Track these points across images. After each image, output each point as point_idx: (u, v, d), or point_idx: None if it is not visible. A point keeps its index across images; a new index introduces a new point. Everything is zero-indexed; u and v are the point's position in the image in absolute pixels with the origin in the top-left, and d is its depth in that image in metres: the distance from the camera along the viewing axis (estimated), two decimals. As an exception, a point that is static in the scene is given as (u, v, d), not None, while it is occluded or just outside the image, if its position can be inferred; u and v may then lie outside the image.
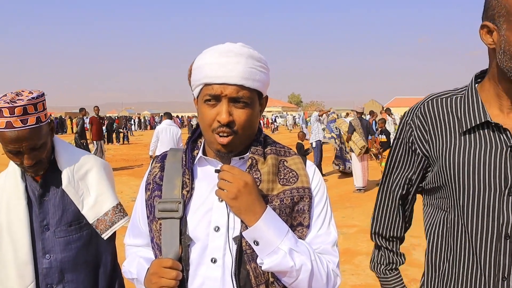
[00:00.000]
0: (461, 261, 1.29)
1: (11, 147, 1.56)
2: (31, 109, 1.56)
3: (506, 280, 1.20)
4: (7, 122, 1.52)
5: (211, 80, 1.14)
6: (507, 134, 1.21)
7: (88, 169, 1.76)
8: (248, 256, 1.16)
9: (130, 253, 1.41)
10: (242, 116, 1.15)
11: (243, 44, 1.19)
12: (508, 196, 1.19)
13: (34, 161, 1.61)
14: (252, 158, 1.22)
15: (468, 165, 1.24)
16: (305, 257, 1.14)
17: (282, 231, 1.14)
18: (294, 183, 1.22)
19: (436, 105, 1.34)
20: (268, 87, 1.24)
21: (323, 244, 1.24)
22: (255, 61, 1.17)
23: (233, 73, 1.12)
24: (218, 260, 1.17)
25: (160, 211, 1.22)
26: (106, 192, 1.77)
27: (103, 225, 1.73)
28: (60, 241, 1.67)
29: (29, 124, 1.55)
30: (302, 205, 1.21)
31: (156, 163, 1.34)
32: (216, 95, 1.14)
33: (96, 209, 1.73)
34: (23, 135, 1.54)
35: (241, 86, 1.13)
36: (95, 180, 1.76)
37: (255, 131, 1.25)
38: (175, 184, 1.24)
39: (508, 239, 1.20)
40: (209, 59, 1.16)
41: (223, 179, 1.14)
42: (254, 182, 1.15)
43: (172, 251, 1.18)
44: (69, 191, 1.68)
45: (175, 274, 1.15)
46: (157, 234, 1.23)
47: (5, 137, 1.54)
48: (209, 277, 1.18)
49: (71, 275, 1.69)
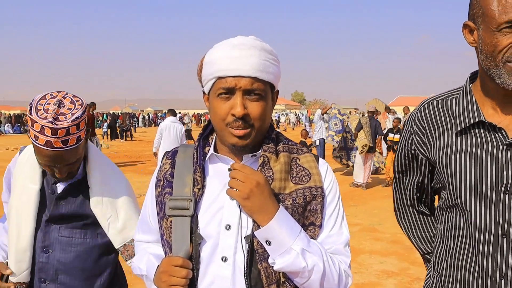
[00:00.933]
0: (459, 260, 1.30)
1: (46, 162, 1.54)
2: (74, 129, 1.50)
3: (504, 278, 1.21)
4: (47, 141, 1.46)
5: (225, 73, 1.13)
6: (502, 133, 1.22)
7: (118, 191, 1.72)
8: (260, 256, 1.15)
9: (140, 249, 1.40)
10: (257, 108, 1.14)
11: (255, 37, 1.19)
12: (505, 195, 1.20)
13: (66, 174, 1.60)
14: (264, 156, 1.20)
15: (464, 165, 1.25)
16: (317, 257, 1.14)
17: (294, 231, 1.13)
18: (306, 182, 1.21)
19: (433, 108, 1.36)
20: (279, 81, 1.24)
21: (335, 244, 1.23)
22: (268, 54, 1.17)
23: (247, 66, 1.12)
24: (228, 259, 1.16)
25: (171, 209, 1.21)
26: (134, 217, 1.71)
27: (129, 251, 1.68)
28: (62, 240, 1.65)
29: (69, 145, 1.50)
30: (315, 205, 1.20)
31: (167, 160, 1.32)
32: (230, 87, 1.13)
33: (124, 235, 1.69)
34: (61, 155, 1.51)
35: (255, 78, 1.13)
36: (124, 204, 1.72)
37: (268, 125, 1.23)
38: (186, 182, 1.23)
39: (504, 238, 1.20)
40: (221, 52, 1.15)
41: (235, 178, 1.13)
42: (266, 181, 1.14)
43: (183, 249, 1.17)
44: (97, 212, 1.65)
45: (185, 273, 1.14)
46: (167, 231, 1.22)
47: (42, 152, 1.50)
48: (219, 276, 1.17)
49: (65, 277, 1.66)
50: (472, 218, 1.25)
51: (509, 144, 1.20)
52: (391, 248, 5.62)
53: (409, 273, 4.77)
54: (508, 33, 1.14)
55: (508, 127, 1.22)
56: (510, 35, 1.14)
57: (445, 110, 1.34)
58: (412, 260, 5.09)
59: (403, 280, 4.58)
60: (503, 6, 1.13)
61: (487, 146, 1.23)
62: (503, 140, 1.21)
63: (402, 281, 4.54)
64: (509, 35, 1.14)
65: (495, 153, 1.21)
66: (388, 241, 5.90)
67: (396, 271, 4.85)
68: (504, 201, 1.20)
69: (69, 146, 1.50)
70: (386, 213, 7.14)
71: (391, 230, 6.23)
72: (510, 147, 1.20)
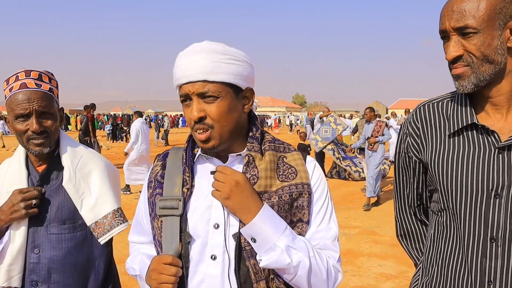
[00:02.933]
0: (449, 265, 1.29)
1: (21, 109, 1.54)
2: (46, 78, 1.61)
3: (492, 283, 1.19)
4: (21, 84, 1.55)
5: (180, 81, 1.19)
6: (495, 136, 1.21)
7: (92, 168, 1.71)
8: (247, 253, 1.17)
9: (134, 250, 1.43)
10: (214, 109, 1.17)
11: (209, 41, 1.22)
12: (495, 199, 1.19)
13: (42, 128, 1.58)
14: (249, 155, 1.22)
15: (456, 168, 1.25)
16: (303, 254, 1.15)
17: (279, 228, 1.14)
18: (293, 179, 1.22)
19: (428, 110, 1.36)
20: (248, 80, 1.24)
21: (323, 239, 1.24)
22: (219, 55, 1.18)
23: (194, 71, 1.16)
24: (218, 257, 1.19)
25: (161, 209, 1.24)
26: (108, 194, 1.70)
27: (101, 229, 1.65)
28: (51, 238, 1.61)
29: (42, 89, 1.58)
30: (301, 201, 1.22)
31: (158, 162, 1.36)
32: (186, 94, 1.18)
33: (96, 211, 1.66)
34: (35, 96, 1.56)
35: (204, 81, 1.16)
36: (98, 180, 1.70)
37: (238, 124, 1.23)
38: (176, 182, 1.26)
39: (494, 242, 1.19)
40: (176, 62, 1.22)
41: (217, 179, 1.17)
42: (246, 180, 1.17)
43: (173, 248, 1.20)
44: (69, 189, 1.63)
45: (175, 271, 1.16)
46: (159, 231, 1.24)
47: (17, 99, 1.54)
48: (209, 274, 1.19)
49: (58, 276, 1.62)
50: (461, 221, 1.24)
51: (500, 148, 1.20)
52: (390, 251, 5.61)
53: (408, 277, 4.76)
54: (445, 43, 1.22)
55: (501, 130, 1.22)
56: (447, 44, 1.21)
57: (440, 112, 1.34)
58: (410, 264, 5.05)
59: (401, 283, 4.57)
60: (440, 16, 1.22)
61: (479, 149, 1.22)
62: (495, 143, 1.21)
63: (400, 284, 4.54)
64: (447, 44, 1.21)
65: (486, 156, 1.21)
66: (387, 244, 5.89)
67: (395, 274, 4.85)
68: (494, 205, 1.19)
69: (42, 90, 1.58)
70: (385, 216, 7.13)
71: (390, 233, 6.21)
72: (502, 151, 1.20)
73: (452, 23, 1.17)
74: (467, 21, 1.15)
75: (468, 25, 1.15)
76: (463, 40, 1.18)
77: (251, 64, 1.26)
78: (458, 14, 1.16)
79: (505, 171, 1.18)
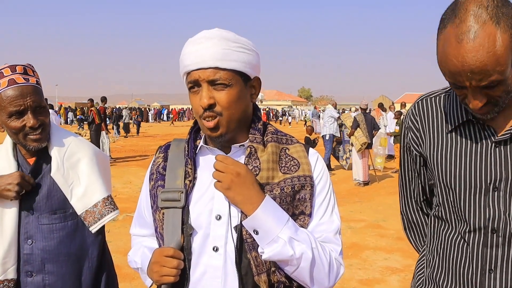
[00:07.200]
0: (451, 255, 1.31)
1: (15, 106, 1.51)
2: (30, 71, 1.59)
3: (493, 272, 1.22)
4: (9, 80, 1.51)
5: (189, 68, 1.17)
6: (491, 130, 1.22)
7: (80, 157, 1.69)
8: (249, 245, 1.16)
9: (135, 243, 1.42)
10: (223, 97, 1.15)
11: (219, 28, 1.20)
12: (494, 192, 1.21)
13: (39, 122, 1.57)
14: (251, 147, 1.21)
15: (454, 163, 1.26)
16: (306, 245, 1.14)
17: (281, 220, 1.13)
18: (295, 171, 1.21)
19: (426, 104, 1.37)
20: (256, 69, 1.23)
21: (325, 232, 1.23)
22: (230, 42, 1.16)
23: (205, 57, 1.14)
24: (220, 249, 1.18)
25: (163, 201, 1.23)
26: (97, 183, 1.69)
27: (91, 217, 1.65)
28: (43, 228, 1.61)
29: (31, 82, 1.56)
30: (304, 194, 1.21)
31: (160, 153, 1.35)
32: (195, 80, 1.16)
33: (85, 200, 1.65)
34: (28, 91, 1.53)
35: (216, 68, 1.14)
36: (86, 169, 1.68)
37: (245, 113, 1.23)
38: (178, 174, 1.25)
39: (495, 233, 1.21)
40: (185, 49, 1.19)
41: (216, 169, 1.15)
42: (248, 171, 1.15)
43: (174, 240, 1.19)
44: (58, 179, 1.62)
45: (176, 263, 1.16)
46: (160, 223, 1.24)
47: (8, 97, 1.50)
48: (211, 266, 1.18)
49: (52, 266, 1.62)
50: (462, 214, 1.26)
51: (497, 142, 1.21)
52: (396, 244, 5.60)
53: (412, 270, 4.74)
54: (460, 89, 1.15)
55: (498, 124, 1.23)
56: (464, 92, 1.14)
57: (438, 106, 1.34)
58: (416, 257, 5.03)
59: (407, 277, 4.55)
60: (447, 70, 1.12)
61: (477, 144, 1.24)
62: (492, 137, 1.22)
63: (406, 278, 4.52)
64: (464, 92, 1.14)
65: (484, 151, 1.22)
66: (393, 238, 5.87)
67: (400, 268, 4.84)
68: (494, 198, 1.21)
69: (31, 83, 1.56)
70: (391, 210, 7.11)
71: (396, 227, 6.19)
72: (499, 145, 1.21)
73: (475, 83, 1.07)
74: (492, 77, 1.05)
75: (494, 81, 1.07)
76: (486, 90, 1.10)
77: (258, 54, 1.25)
78: (480, 74, 1.05)
79: (502, 165, 1.20)
